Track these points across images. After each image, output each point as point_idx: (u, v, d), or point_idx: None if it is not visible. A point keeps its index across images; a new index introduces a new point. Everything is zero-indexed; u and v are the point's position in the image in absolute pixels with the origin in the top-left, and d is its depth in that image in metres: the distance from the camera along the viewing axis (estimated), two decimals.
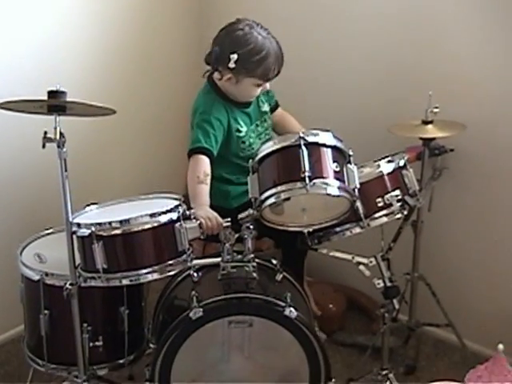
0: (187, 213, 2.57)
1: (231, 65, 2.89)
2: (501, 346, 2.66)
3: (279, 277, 2.81)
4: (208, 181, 2.80)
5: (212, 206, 2.74)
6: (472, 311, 3.38)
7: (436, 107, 2.94)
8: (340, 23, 3.49)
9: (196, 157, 2.85)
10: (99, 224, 2.45)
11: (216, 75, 3.00)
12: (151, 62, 3.90)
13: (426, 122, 2.98)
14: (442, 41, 3.18)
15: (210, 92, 3.06)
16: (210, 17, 4.07)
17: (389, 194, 2.70)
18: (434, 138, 3.00)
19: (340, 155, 2.56)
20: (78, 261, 2.53)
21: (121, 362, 2.87)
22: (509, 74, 3.03)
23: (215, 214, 2.67)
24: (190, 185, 2.80)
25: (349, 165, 2.58)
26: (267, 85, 3.02)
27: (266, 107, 3.19)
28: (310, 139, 2.49)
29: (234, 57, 2.87)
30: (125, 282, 2.48)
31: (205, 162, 2.84)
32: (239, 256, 2.73)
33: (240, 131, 3.04)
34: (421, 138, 3.00)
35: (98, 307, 2.83)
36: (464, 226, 3.34)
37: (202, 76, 3.09)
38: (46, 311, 2.75)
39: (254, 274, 2.72)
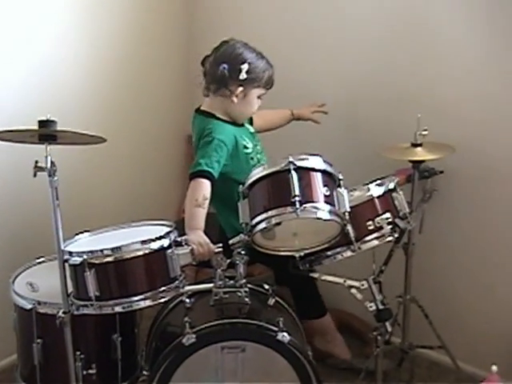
0: (179, 239, 2.58)
1: (242, 76, 2.93)
2: (494, 368, 2.66)
3: (271, 301, 2.81)
4: (206, 205, 2.78)
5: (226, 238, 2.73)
6: (465, 332, 3.38)
7: (425, 130, 2.95)
8: (330, 44, 3.51)
9: (196, 180, 2.83)
10: (91, 252, 2.46)
11: (222, 94, 3.00)
12: (141, 90, 3.93)
13: (415, 145, 2.99)
14: (432, 64, 3.20)
15: (205, 120, 3.06)
16: (198, 44, 4.08)
17: (379, 217, 2.70)
18: (423, 161, 3.01)
19: (330, 179, 2.57)
20: (70, 289, 2.53)
21: None
22: (497, 96, 3.05)
23: (207, 240, 2.67)
24: (187, 207, 2.80)
25: (339, 188, 2.59)
26: (260, 102, 3.05)
27: (251, 129, 3.22)
28: (300, 164, 2.51)
29: (246, 66, 2.92)
30: (117, 309, 2.48)
31: (205, 186, 2.81)
32: (231, 281, 2.73)
33: (247, 147, 3.05)
34: (410, 161, 3.01)
35: (90, 335, 2.83)
36: (455, 248, 3.35)
37: (192, 103, 3.11)
38: (38, 340, 2.76)
39: (247, 299, 2.73)
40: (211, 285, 2.73)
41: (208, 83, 3.05)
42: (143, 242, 2.48)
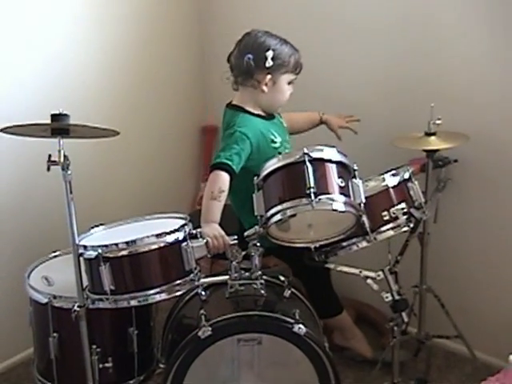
0: (193, 232, 2.58)
1: (268, 63, 2.89)
2: None
3: (287, 293, 2.81)
4: (222, 198, 2.75)
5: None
6: (482, 322, 3.37)
7: (439, 119, 2.94)
8: (341, 36, 3.50)
9: (215, 172, 2.80)
10: (106, 246, 2.46)
11: (250, 85, 2.97)
12: (154, 82, 3.92)
13: (428, 134, 2.98)
14: (444, 52, 3.18)
15: (235, 113, 3.02)
16: (211, 34, 4.09)
17: (394, 208, 2.71)
18: (437, 150, 3.00)
19: (345, 170, 2.56)
20: (85, 283, 2.54)
21: (131, 382, 2.87)
22: (510, 82, 3.02)
23: (222, 233, 2.66)
24: (204, 200, 2.78)
25: (354, 179, 2.58)
26: (291, 87, 3.01)
27: (284, 122, 3.18)
28: (315, 155, 2.50)
29: (270, 53, 2.89)
30: (133, 303, 2.49)
31: (222, 179, 2.77)
32: (247, 273, 2.73)
33: (275, 142, 3.00)
34: (424, 150, 3.00)
35: (106, 328, 2.83)
36: (470, 237, 3.33)
37: (205, 94, 3.10)
38: (54, 334, 2.76)
39: (262, 291, 2.72)
40: (226, 277, 2.73)
41: (236, 77, 3.01)
42: (158, 235, 2.48)
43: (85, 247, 2.49)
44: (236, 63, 2.97)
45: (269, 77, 2.92)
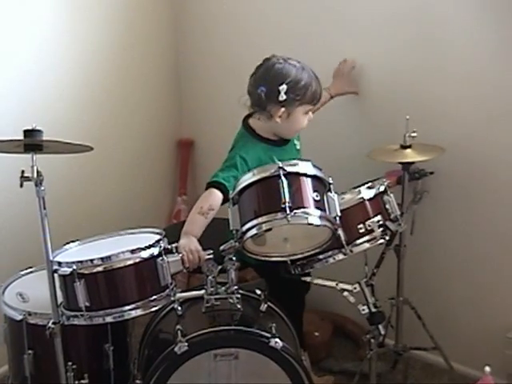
0: (169, 247, 2.57)
1: (282, 97, 2.84)
2: (487, 369, 2.65)
3: (264, 307, 2.80)
4: (210, 215, 2.72)
5: None
6: (458, 333, 3.38)
7: (414, 131, 2.95)
8: (316, 49, 3.48)
9: (210, 190, 2.80)
10: (80, 262, 2.44)
11: (263, 116, 2.94)
12: (129, 96, 3.90)
13: (404, 147, 2.99)
14: (418, 66, 3.19)
15: (244, 134, 3.02)
16: (186, 47, 4.08)
17: (370, 220, 2.70)
18: (413, 162, 3.01)
19: (320, 184, 2.56)
20: (60, 299, 2.51)
21: None
22: (485, 96, 3.04)
23: (198, 248, 2.65)
24: (191, 212, 2.77)
25: (329, 193, 2.57)
26: (311, 114, 2.98)
27: (298, 145, 3.15)
28: (290, 169, 2.49)
29: (284, 88, 2.83)
30: (108, 319, 2.47)
31: (215, 197, 2.76)
32: (223, 288, 2.72)
33: None
34: (400, 163, 3.01)
35: (82, 345, 2.81)
36: (447, 248, 3.34)
37: (181, 108, 3.08)
38: (29, 351, 2.74)
39: (239, 306, 2.72)
40: (202, 292, 2.72)
41: (251, 104, 2.97)
42: (133, 251, 2.47)
43: (59, 263, 2.47)
44: (251, 92, 2.93)
45: (282, 110, 2.88)
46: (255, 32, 3.69)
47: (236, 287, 2.72)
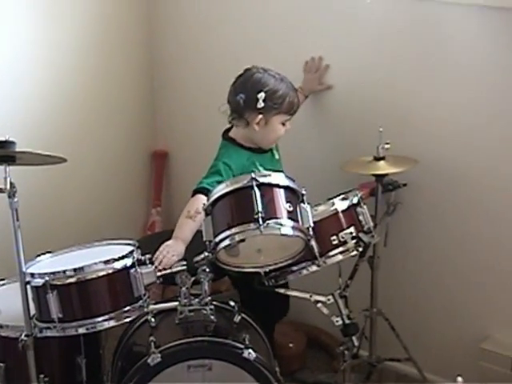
0: (142, 258, 2.57)
1: (260, 104, 2.91)
2: (460, 379, 2.66)
3: (237, 318, 2.80)
4: (198, 219, 2.73)
5: None
6: (432, 344, 3.39)
7: (387, 143, 2.97)
8: (286, 58, 3.48)
9: (195, 196, 2.86)
10: (53, 273, 2.44)
11: (241, 123, 3.00)
12: (102, 107, 3.88)
13: (377, 159, 3.01)
14: (391, 76, 3.22)
15: (226, 144, 3.07)
16: (161, 58, 4.08)
17: (343, 232, 2.72)
18: (386, 174, 3.03)
19: (293, 195, 2.57)
20: (32, 311, 2.50)
21: None
22: (457, 108, 3.07)
23: (176, 252, 2.68)
24: (180, 218, 2.81)
25: (302, 204, 2.58)
26: (288, 125, 3.03)
27: (277, 155, 3.19)
28: (262, 180, 2.50)
29: (262, 95, 2.90)
30: (81, 330, 2.46)
31: (201, 201, 2.75)
32: (196, 299, 2.72)
33: None
34: (373, 175, 3.03)
35: (54, 357, 2.78)
36: (420, 260, 3.35)
37: (154, 119, 3.08)
38: (1, 364, 2.70)
39: (212, 317, 2.72)
40: (176, 303, 2.71)
41: (230, 111, 3.03)
42: (106, 261, 2.47)
43: (32, 275, 2.46)
44: (230, 100, 2.99)
45: (260, 117, 2.94)
46: (230, 41, 3.69)
47: (209, 298, 2.72)
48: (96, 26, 3.79)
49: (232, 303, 2.88)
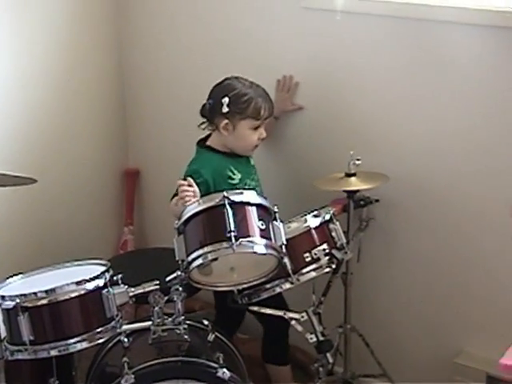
0: (114, 278, 2.55)
1: (224, 109, 2.98)
2: None
3: (211, 337, 2.78)
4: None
5: None
6: (406, 359, 3.38)
7: (358, 159, 2.97)
8: (262, 80, 3.49)
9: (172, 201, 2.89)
10: (24, 295, 2.41)
11: (211, 128, 3.09)
12: (72, 126, 3.82)
13: (349, 175, 3.01)
14: (363, 94, 3.23)
15: (199, 150, 3.14)
16: (132, 75, 4.05)
17: (316, 249, 2.74)
18: (358, 190, 3.03)
19: (265, 213, 2.58)
20: (3, 334, 2.47)
21: None
22: (427, 125, 3.09)
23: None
24: (175, 212, 2.76)
25: (275, 222, 2.60)
26: (263, 131, 3.07)
27: (252, 162, 3.22)
28: (234, 198, 2.51)
29: (226, 100, 2.97)
30: (53, 352, 2.44)
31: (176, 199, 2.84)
32: (170, 319, 2.69)
33: (233, 178, 3.06)
34: (345, 191, 3.03)
35: (26, 380, 2.73)
36: (394, 275, 3.36)
37: (126, 136, 3.07)
38: None
39: (186, 337, 2.69)
40: (149, 323, 2.69)
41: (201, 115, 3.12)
42: (78, 282, 2.45)
43: (2, 297, 2.43)
44: (202, 106, 3.09)
45: (225, 121, 3.00)
46: (203, 60, 3.68)
47: (183, 318, 2.68)
48: (65, 43, 3.73)
49: (206, 322, 2.86)
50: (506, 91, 2.85)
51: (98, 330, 2.47)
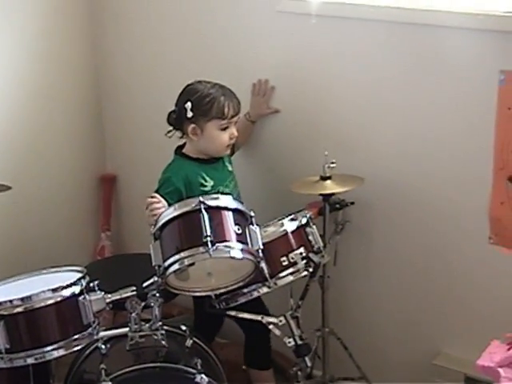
0: (91, 285, 2.54)
1: (189, 114, 2.98)
2: None
3: (189, 343, 2.78)
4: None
5: None
6: (385, 362, 3.39)
7: (333, 162, 2.98)
8: (238, 84, 3.49)
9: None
10: None
11: (180, 135, 3.10)
12: (48, 132, 3.80)
13: (324, 178, 3.01)
14: (336, 96, 3.23)
15: (174, 158, 3.14)
16: (108, 79, 4.02)
17: (293, 253, 2.75)
18: (333, 194, 3.03)
19: (241, 217, 2.58)
20: None
21: None
22: (401, 127, 3.11)
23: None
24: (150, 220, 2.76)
25: (251, 226, 2.60)
26: (234, 130, 3.06)
27: (230, 167, 3.21)
28: (210, 203, 2.52)
29: (189, 105, 2.97)
30: (30, 360, 2.42)
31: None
32: (147, 325, 2.69)
33: (205, 185, 3.05)
34: (321, 194, 3.03)
35: None
36: (371, 277, 3.37)
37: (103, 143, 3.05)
38: None
39: (163, 342, 2.69)
40: (127, 329, 2.68)
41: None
42: (54, 289, 2.43)
43: None
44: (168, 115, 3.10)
45: (192, 126, 3.01)
46: (180, 65, 3.67)
47: (160, 323, 2.68)
48: (39, 47, 3.70)
49: (183, 327, 2.85)
50: (486, 95, 2.86)
51: (75, 337, 2.46)
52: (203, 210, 2.48)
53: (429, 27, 2.94)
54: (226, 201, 2.57)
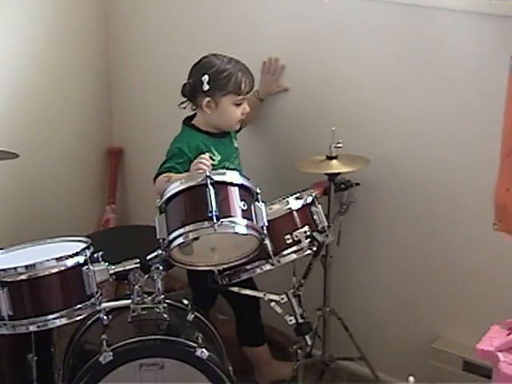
0: (95, 255, 2.55)
1: (205, 87, 2.97)
2: (411, 379, 2.67)
3: (190, 317, 2.79)
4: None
5: None
6: (384, 343, 3.40)
7: (339, 142, 2.98)
8: (248, 61, 3.49)
9: (157, 179, 2.92)
10: (4, 270, 2.41)
11: (193, 107, 3.10)
12: (56, 103, 3.80)
13: (330, 158, 3.01)
14: (343, 77, 3.23)
15: (183, 128, 3.14)
16: (117, 53, 4.02)
17: (297, 231, 2.74)
18: (339, 173, 3.03)
19: (247, 193, 2.58)
20: None
21: None
22: (409, 108, 3.10)
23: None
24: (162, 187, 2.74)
25: (256, 202, 2.60)
26: (247, 106, 3.07)
27: (236, 144, 3.22)
28: (217, 178, 2.52)
29: (206, 78, 2.97)
30: (32, 328, 2.44)
31: (164, 178, 2.88)
32: (149, 297, 2.70)
33: (213, 159, 3.02)
34: (326, 174, 3.03)
35: (4, 355, 2.72)
36: (373, 259, 3.37)
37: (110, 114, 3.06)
38: None
39: (165, 315, 2.70)
40: (129, 301, 2.70)
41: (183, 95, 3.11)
42: (58, 258, 2.44)
43: None
44: (183, 87, 3.08)
45: (207, 99, 3.00)
46: (188, 38, 3.66)
47: (163, 297, 2.70)
48: (51, 18, 3.71)
49: (185, 301, 2.87)
50: (494, 79, 2.85)
51: (78, 306, 2.48)
52: (209, 185, 2.48)
53: (439, 10, 2.92)
54: (232, 176, 2.57)
